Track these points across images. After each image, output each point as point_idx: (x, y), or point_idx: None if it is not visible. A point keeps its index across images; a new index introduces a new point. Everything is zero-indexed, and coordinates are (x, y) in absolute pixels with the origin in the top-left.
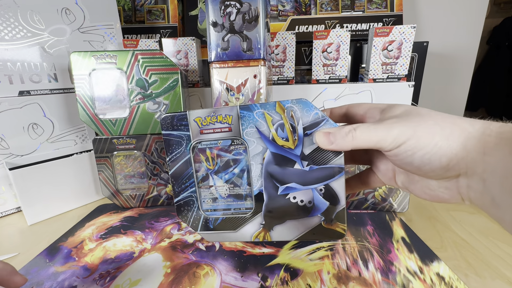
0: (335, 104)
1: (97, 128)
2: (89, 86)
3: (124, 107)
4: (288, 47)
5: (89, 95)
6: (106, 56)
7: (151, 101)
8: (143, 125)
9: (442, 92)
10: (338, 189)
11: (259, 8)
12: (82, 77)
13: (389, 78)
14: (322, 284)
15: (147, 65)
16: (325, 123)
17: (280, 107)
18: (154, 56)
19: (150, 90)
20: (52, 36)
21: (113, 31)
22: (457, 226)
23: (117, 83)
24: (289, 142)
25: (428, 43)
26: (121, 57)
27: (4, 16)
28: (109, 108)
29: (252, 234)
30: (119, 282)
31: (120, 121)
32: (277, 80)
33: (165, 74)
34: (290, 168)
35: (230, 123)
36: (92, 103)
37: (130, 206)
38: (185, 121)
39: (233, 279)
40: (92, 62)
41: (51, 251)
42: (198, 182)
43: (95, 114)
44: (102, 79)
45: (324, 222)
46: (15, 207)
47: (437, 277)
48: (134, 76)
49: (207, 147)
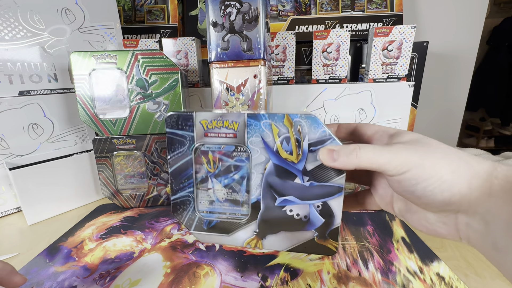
0: (335, 104)
1: (97, 128)
2: (89, 86)
3: (124, 107)
4: (288, 47)
5: (89, 95)
6: (106, 56)
7: (151, 101)
8: (143, 125)
9: (442, 92)
10: (335, 207)
11: (259, 8)
12: (82, 77)
13: (389, 78)
14: (322, 284)
15: (147, 65)
16: (331, 142)
17: (289, 120)
18: (154, 56)
19: (150, 90)
20: (52, 36)
21: (113, 31)
22: None
23: (117, 83)
24: (292, 156)
25: (428, 43)
26: (121, 57)
27: (4, 16)
28: (109, 108)
29: (245, 240)
30: (119, 282)
31: (120, 121)
32: (277, 80)
33: (165, 74)
34: (290, 181)
35: (236, 129)
36: (92, 103)
37: (130, 206)
38: (190, 122)
39: (233, 279)
40: (92, 62)
41: (51, 251)
42: (197, 183)
43: (95, 114)
44: (102, 79)
45: (317, 238)
46: (15, 207)
47: (437, 277)
48: (134, 76)
49: (210, 150)
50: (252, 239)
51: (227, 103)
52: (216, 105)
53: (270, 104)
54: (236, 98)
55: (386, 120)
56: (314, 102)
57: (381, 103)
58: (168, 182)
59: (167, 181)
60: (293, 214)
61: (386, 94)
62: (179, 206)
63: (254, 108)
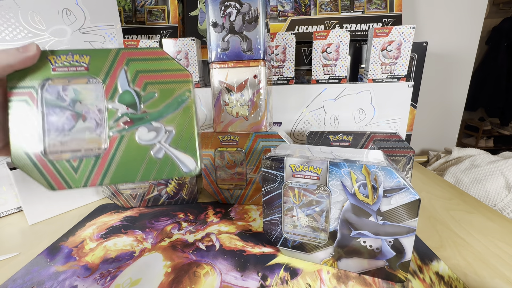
0: (335, 104)
1: (44, 177)
2: (37, 107)
3: (96, 138)
4: (288, 47)
5: (35, 123)
6: (71, 56)
7: (145, 127)
8: (129, 167)
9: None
10: (406, 245)
11: (259, 8)
12: (25, 91)
13: (388, 78)
14: (321, 283)
15: (139, 70)
16: (406, 191)
17: (366, 170)
18: (153, 57)
19: (144, 109)
20: (53, 37)
21: (113, 31)
22: (456, 225)
23: (87, 100)
24: (368, 199)
25: (428, 43)
26: (97, 58)
27: (5, 17)
28: (68, 142)
29: (322, 259)
30: (119, 282)
31: (87, 163)
32: (277, 80)
33: (169, 83)
34: (365, 218)
35: (319, 173)
36: (41, 135)
37: (130, 206)
38: (281, 165)
39: (233, 279)
40: (47, 67)
41: (52, 250)
42: (284, 211)
43: (43, 155)
44: (61, 94)
45: (387, 267)
46: (16, 207)
47: (436, 277)
48: (118, 87)
49: (296, 186)
50: (329, 259)
51: (227, 103)
52: (216, 105)
53: (270, 104)
54: (236, 99)
55: (385, 120)
56: (314, 102)
57: (380, 103)
58: (169, 182)
59: (167, 181)
60: (367, 245)
61: (386, 94)
62: (269, 227)
63: (254, 109)
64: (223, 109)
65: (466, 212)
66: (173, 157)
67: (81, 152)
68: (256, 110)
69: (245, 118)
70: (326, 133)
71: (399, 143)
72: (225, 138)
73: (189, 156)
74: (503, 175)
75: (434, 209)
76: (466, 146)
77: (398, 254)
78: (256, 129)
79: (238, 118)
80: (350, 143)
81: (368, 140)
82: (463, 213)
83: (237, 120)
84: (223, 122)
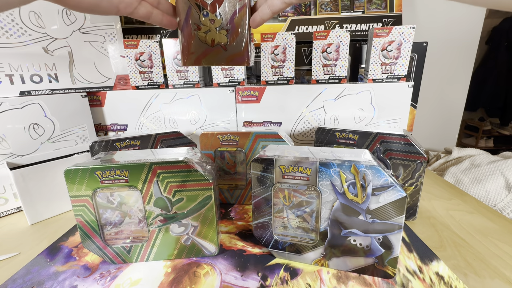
0: (335, 104)
1: (108, 257)
2: (93, 209)
3: (140, 230)
4: (288, 47)
5: (94, 220)
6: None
7: (176, 223)
8: (165, 250)
9: (441, 92)
10: (394, 241)
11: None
12: (83, 199)
13: (388, 78)
14: (321, 283)
15: (169, 181)
16: (394, 188)
17: (355, 169)
18: (179, 170)
19: (174, 211)
20: (53, 37)
21: (113, 31)
22: (456, 225)
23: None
24: (357, 197)
25: (428, 43)
26: (134, 172)
27: (5, 17)
28: (120, 232)
29: (313, 260)
30: (119, 282)
31: (136, 247)
32: (277, 80)
33: (194, 191)
34: (354, 217)
35: (309, 174)
36: (99, 229)
37: None
38: (271, 166)
39: (233, 279)
40: (95, 180)
41: (52, 250)
42: (275, 213)
43: (104, 241)
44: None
45: (376, 264)
46: (16, 207)
47: (436, 277)
48: (152, 195)
49: (286, 188)
50: (320, 259)
51: (198, 27)
52: (184, 30)
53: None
54: (211, 20)
55: (385, 120)
56: (314, 102)
57: (380, 103)
58: None
59: None
60: (357, 244)
61: (386, 94)
62: (260, 229)
63: (235, 35)
64: (194, 35)
65: (466, 212)
66: (198, 244)
67: (130, 240)
68: (238, 37)
69: (223, 47)
70: (333, 130)
71: (409, 147)
72: (225, 138)
73: (211, 243)
74: (503, 175)
75: (434, 209)
76: (466, 146)
77: (387, 250)
78: (236, 62)
79: (214, 48)
80: (356, 142)
81: (374, 140)
82: (463, 213)
83: (212, 51)
84: (194, 53)
